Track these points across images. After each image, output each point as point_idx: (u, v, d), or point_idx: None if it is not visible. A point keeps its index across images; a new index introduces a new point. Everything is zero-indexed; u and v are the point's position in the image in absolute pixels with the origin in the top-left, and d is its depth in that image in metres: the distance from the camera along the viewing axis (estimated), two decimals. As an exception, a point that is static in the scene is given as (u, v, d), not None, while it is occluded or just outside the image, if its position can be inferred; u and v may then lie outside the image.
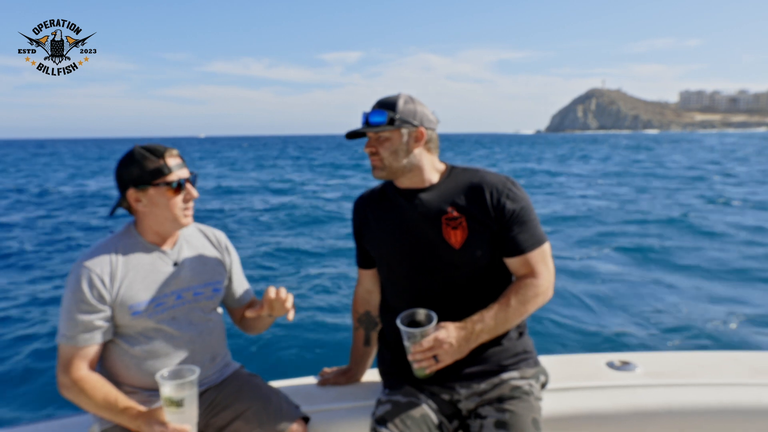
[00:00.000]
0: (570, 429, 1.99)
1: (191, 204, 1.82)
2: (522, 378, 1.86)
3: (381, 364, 2.03)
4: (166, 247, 1.85)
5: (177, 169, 1.78)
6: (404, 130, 1.80)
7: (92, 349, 1.72)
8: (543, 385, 1.96)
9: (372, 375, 2.22)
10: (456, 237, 1.78)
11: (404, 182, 1.89)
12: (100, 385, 1.69)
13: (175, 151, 1.80)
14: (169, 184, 1.75)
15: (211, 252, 1.96)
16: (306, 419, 1.89)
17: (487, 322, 1.73)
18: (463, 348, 1.71)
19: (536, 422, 1.75)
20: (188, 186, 1.80)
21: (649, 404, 2.01)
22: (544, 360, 2.05)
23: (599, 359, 2.32)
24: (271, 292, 1.76)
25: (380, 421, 1.75)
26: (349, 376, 2.20)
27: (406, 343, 1.68)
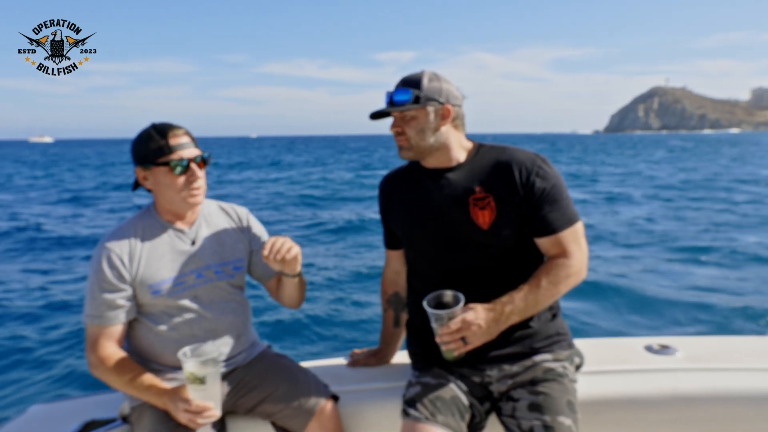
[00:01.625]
0: (606, 412, 1.93)
1: (197, 184, 1.76)
2: (555, 360, 1.81)
3: (410, 346, 2.00)
4: (184, 226, 1.84)
5: (180, 149, 1.73)
6: (430, 108, 1.74)
7: (117, 329, 1.74)
8: (577, 368, 1.90)
9: (403, 356, 2.19)
10: (484, 217, 1.73)
11: (431, 162, 1.84)
12: (126, 364, 1.71)
13: (180, 131, 1.75)
14: (168, 164, 1.72)
15: (230, 229, 1.93)
16: (335, 398, 1.87)
17: (517, 304, 1.67)
18: (492, 330, 1.66)
19: (571, 404, 1.69)
20: (192, 167, 1.74)
21: (690, 389, 1.94)
22: (579, 343, 1.99)
23: (637, 343, 2.25)
24: (265, 250, 1.71)
25: (410, 402, 1.72)
26: (380, 357, 2.18)
27: (434, 325, 1.64)
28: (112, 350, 1.72)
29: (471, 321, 1.61)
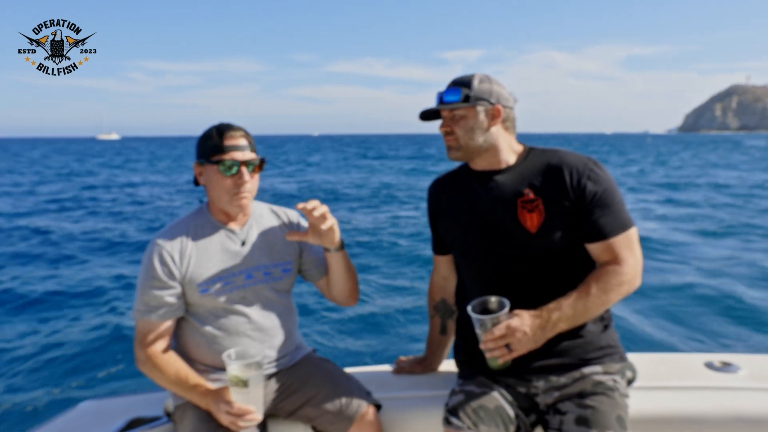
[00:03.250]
0: (660, 431, 1.83)
1: (245, 188, 1.77)
2: (606, 373, 1.74)
3: (456, 353, 1.97)
4: (235, 226, 1.85)
5: (234, 150, 1.74)
6: (480, 108, 1.74)
7: (165, 325, 1.76)
8: (629, 382, 1.83)
9: (450, 365, 2.15)
10: (532, 221, 1.69)
11: (480, 163, 1.82)
12: (172, 362, 1.74)
13: (238, 132, 1.76)
14: (217, 163, 1.73)
15: (281, 232, 1.94)
16: (378, 406, 1.85)
17: (564, 311, 1.62)
18: (538, 337, 1.61)
19: (621, 420, 1.62)
20: (242, 170, 1.75)
21: (754, 410, 1.82)
22: (632, 357, 1.92)
23: (696, 359, 2.14)
24: (299, 205, 1.71)
25: (452, 411, 1.69)
26: (426, 365, 2.15)
27: (478, 331, 1.61)
28: (160, 347, 1.75)
29: (516, 327, 1.57)
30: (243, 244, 1.85)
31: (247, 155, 1.77)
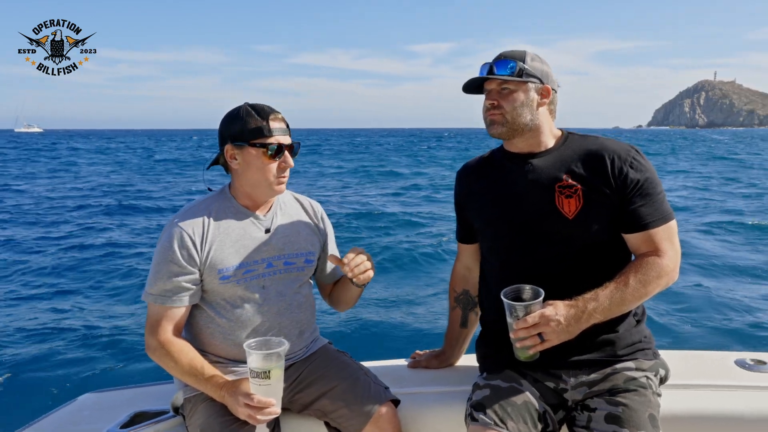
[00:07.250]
0: (691, 431, 1.78)
1: (286, 173, 1.74)
2: (638, 369, 1.68)
3: (480, 347, 1.89)
4: (259, 213, 1.79)
5: (279, 133, 1.70)
6: (531, 85, 1.68)
7: (179, 311, 1.69)
8: (662, 380, 1.77)
9: (467, 359, 2.09)
10: (569, 206, 1.63)
11: (518, 144, 1.75)
12: (186, 350, 1.66)
13: (280, 115, 1.72)
14: (266, 146, 1.68)
15: (305, 221, 1.89)
16: (396, 402, 1.78)
17: (601, 301, 1.55)
18: (572, 328, 1.54)
19: (653, 419, 1.56)
20: (286, 153, 1.72)
21: None
22: (662, 355, 1.84)
23: (727, 357, 2.09)
24: (345, 259, 1.68)
25: (478, 407, 1.62)
26: (443, 359, 2.09)
27: (509, 320, 1.54)
28: (173, 334, 1.68)
29: (549, 316, 1.50)
30: (267, 231, 1.78)
31: (288, 140, 1.74)
